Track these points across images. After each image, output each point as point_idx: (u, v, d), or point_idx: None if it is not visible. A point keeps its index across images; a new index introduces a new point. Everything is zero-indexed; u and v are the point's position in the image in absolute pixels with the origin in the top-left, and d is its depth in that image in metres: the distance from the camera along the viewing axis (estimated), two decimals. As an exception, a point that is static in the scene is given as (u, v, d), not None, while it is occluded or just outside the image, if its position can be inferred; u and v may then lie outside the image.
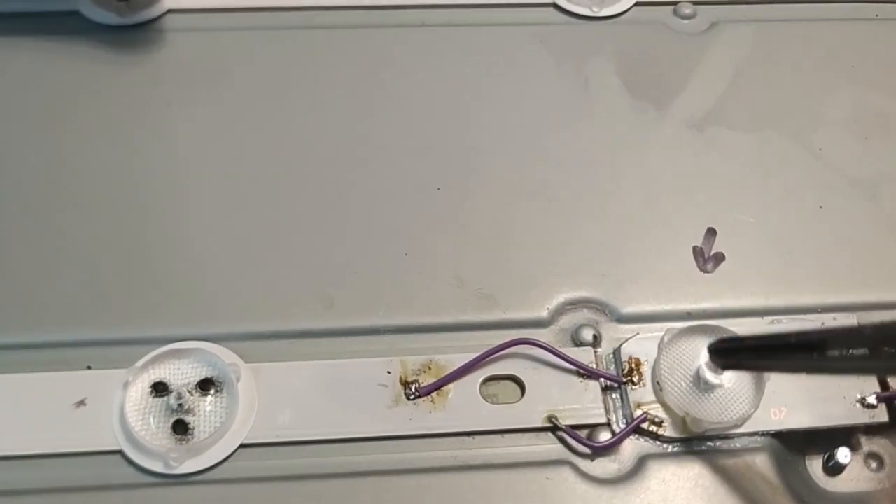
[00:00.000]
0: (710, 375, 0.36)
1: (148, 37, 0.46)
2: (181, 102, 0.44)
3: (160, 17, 0.47)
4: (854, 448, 0.38)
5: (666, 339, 0.37)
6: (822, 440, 0.37)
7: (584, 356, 0.37)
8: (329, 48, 0.47)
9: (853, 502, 0.37)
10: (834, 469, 0.37)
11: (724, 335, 0.37)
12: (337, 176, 0.42)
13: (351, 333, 0.38)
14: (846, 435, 0.38)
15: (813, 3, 0.50)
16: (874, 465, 0.38)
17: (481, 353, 0.36)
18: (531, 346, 0.37)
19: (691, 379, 0.36)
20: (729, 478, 0.36)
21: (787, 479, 0.36)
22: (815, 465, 0.38)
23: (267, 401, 0.35)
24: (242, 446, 0.35)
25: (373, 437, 0.35)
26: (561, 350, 0.37)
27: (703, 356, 0.37)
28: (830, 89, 0.47)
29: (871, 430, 0.38)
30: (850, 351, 0.29)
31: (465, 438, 0.36)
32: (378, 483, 0.35)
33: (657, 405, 0.36)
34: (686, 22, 0.49)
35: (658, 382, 0.37)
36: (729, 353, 0.34)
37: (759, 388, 0.36)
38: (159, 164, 0.42)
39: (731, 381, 0.36)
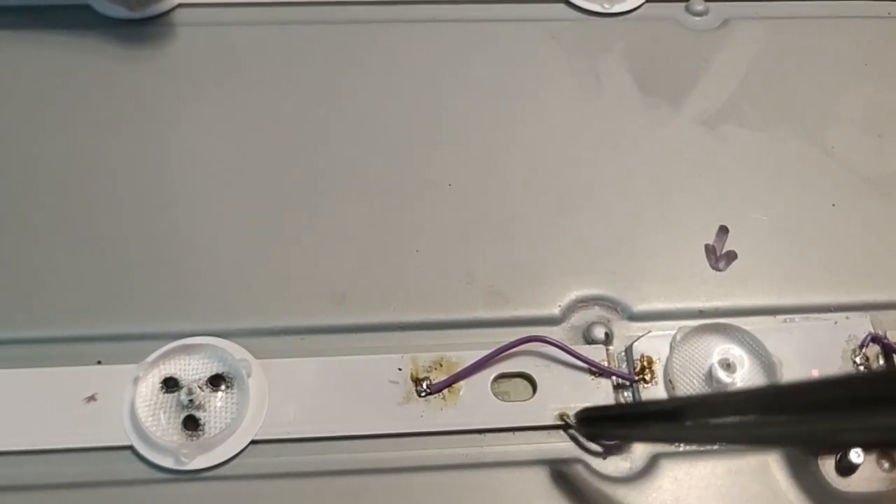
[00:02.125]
0: (722, 374, 0.36)
1: (158, 31, 0.46)
2: (191, 97, 0.44)
3: (170, 11, 0.47)
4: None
5: (678, 337, 0.37)
6: (835, 439, 0.37)
7: (596, 354, 0.37)
8: (340, 43, 0.46)
9: (866, 502, 0.37)
10: (846, 469, 0.37)
11: (733, 331, 0.37)
12: (348, 171, 0.42)
13: (362, 330, 0.38)
14: (859, 434, 0.38)
15: (825, 0, 0.50)
16: (886, 464, 0.38)
17: (493, 350, 0.36)
18: (543, 344, 0.37)
19: (703, 377, 0.36)
20: (741, 477, 0.35)
21: (800, 479, 0.36)
22: (827, 465, 0.37)
23: (277, 397, 0.35)
24: (253, 442, 0.34)
25: (384, 434, 0.35)
26: (573, 348, 0.36)
27: (716, 354, 0.37)
28: (843, 87, 0.47)
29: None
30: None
31: (477, 436, 0.35)
32: (389, 480, 0.34)
33: (669, 403, 0.36)
34: (698, 19, 0.49)
35: (670, 381, 0.36)
36: (593, 421, 0.34)
37: (772, 387, 0.36)
38: (169, 158, 0.42)
39: (744, 379, 0.36)
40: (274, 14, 0.47)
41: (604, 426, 0.33)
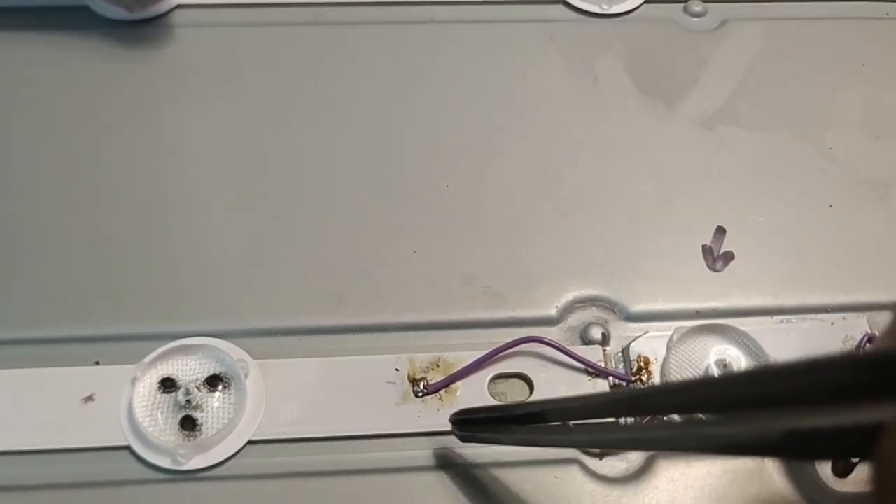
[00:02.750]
0: (718, 373, 0.36)
1: (157, 32, 0.46)
2: (190, 99, 0.44)
3: (169, 12, 0.47)
4: (863, 448, 0.38)
5: (675, 337, 0.37)
6: (831, 440, 0.37)
7: (593, 354, 0.37)
8: (338, 44, 0.47)
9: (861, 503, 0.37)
10: (843, 470, 0.37)
11: (731, 333, 0.37)
12: (346, 172, 0.42)
13: (359, 330, 0.38)
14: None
15: (823, 1, 0.50)
16: (884, 465, 0.38)
17: (490, 350, 0.36)
18: (540, 344, 0.37)
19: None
20: (738, 478, 0.35)
21: (797, 480, 0.36)
22: (824, 466, 0.37)
23: (275, 397, 0.35)
24: (250, 443, 0.34)
25: (381, 435, 0.35)
26: (570, 348, 0.36)
27: (712, 355, 0.37)
28: (841, 88, 0.47)
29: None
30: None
31: (474, 436, 0.35)
32: (386, 480, 0.34)
33: (666, 404, 0.36)
34: (696, 20, 0.49)
35: (667, 381, 0.36)
36: (464, 424, 0.34)
37: (769, 388, 0.36)
38: (168, 160, 0.42)
39: (741, 380, 0.36)
40: (273, 15, 0.47)
41: (474, 429, 0.33)
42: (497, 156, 0.43)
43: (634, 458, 0.36)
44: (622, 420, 0.34)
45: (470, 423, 0.33)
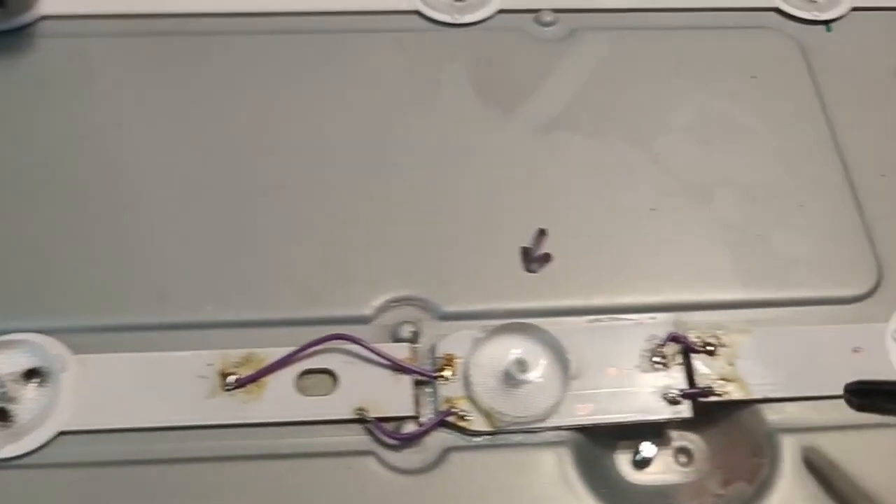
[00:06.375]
0: (515, 371, 0.38)
1: (20, 42, 0.48)
2: (50, 108, 0.46)
3: (34, 22, 0.48)
4: (665, 442, 0.40)
5: (478, 335, 0.39)
6: (634, 434, 0.39)
7: (399, 351, 0.39)
8: (199, 53, 0.48)
9: (655, 494, 0.39)
10: (640, 463, 0.39)
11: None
12: (172, 172, 0.44)
13: (179, 327, 0.39)
14: (657, 429, 0.39)
15: (667, 11, 0.51)
16: (683, 459, 0.40)
17: (298, 347, 0.38)
18: (350, 342, 0.38)
19: (500, 375, 0.38)
20: (531, 469, 0.37)
21: (592, 471, 0.38)
22: (623, 459, 0.39)
23: (91, 390, 0.37)
24: (62, 433, 0.36)
25: (189, 426, 0.37)
26: (374, 345, 0.38)
27: (513, 353, 0.38)
28: (678, 96, 0.48)
29: (683, 425, 0.39)
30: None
31: (277, 428, 0.37)
32: (192, 470, 0.36)
33: (465, 400, 0.38)
34: (546, 29, 0.50)
35: (467, 377, 0.38)
36: (865, 394, 0.35)
37: (565, 385, 0.38)
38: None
39: (538, 377, 0.38)
40: (137, 25, 0.48)
41: (877, 399, 0.35)
42: (328, 159, 0.44)
43: (431, 450, 0.37)
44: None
45: (872, 394, 0.35)
